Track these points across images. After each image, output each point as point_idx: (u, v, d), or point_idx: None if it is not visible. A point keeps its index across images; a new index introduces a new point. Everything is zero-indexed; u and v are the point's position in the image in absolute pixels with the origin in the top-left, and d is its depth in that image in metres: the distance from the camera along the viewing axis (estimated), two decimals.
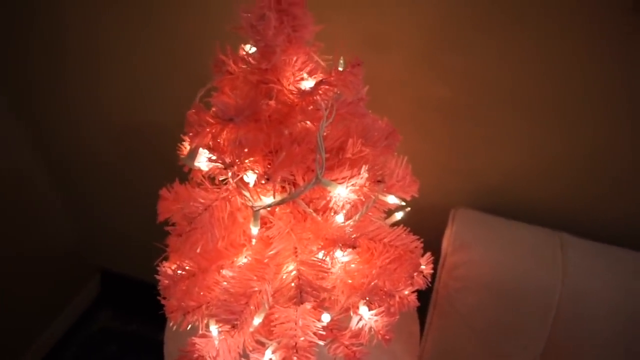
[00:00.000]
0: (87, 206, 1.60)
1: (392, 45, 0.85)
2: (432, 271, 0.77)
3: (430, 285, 0.79)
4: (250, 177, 0.59)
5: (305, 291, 0.58)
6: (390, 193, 0.71)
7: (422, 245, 0.70)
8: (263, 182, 0.55)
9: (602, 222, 0.91)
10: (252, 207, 0.59)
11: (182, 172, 0.70)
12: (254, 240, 0.64)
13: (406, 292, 0.73)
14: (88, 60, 1.15)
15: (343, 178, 0.59)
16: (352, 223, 0.65)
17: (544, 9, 0.74)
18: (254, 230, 0.62)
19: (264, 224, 0.66)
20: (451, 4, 0.78)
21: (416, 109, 0.91)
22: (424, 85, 0.88)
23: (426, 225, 0.81)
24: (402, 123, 0.75)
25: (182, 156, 0.65)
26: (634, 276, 0.79)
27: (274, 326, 0.65)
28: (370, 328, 0.69)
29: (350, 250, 0.60)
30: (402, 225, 0.69)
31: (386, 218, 0.78)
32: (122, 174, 1.42)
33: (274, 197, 0.61)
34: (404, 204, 0.72)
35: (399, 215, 0.80)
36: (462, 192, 0.99)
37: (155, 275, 0.72)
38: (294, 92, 0.55)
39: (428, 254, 0.77)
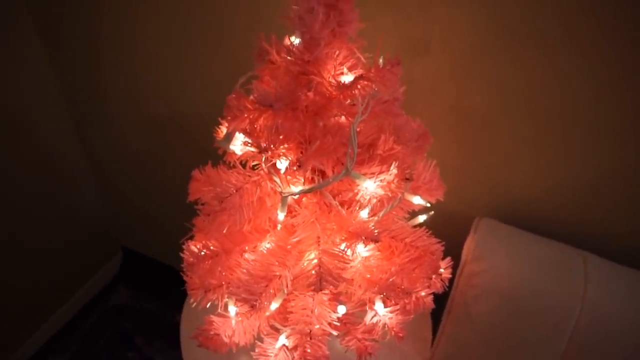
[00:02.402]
0: (118, 186, 1.65)
1: (432, 49, 0.86)
2: (450, 276, 0.78)
3: (447, 290, 0.79)
4: (282, 164, 0.61)
5: (324, 279, 0.59)
6: (417, 194, 0.72)
7: (442, 248, 0.71)
8: (295, 168, 0.57)
9: (626, 245, 0.90)
10: (281, 192, 0.61)
11: (213, 160, 0.72)
12: (279, 226, 0.65)
13: (422, 294, 0.73)
14: (125, 45, 1.19)
15: (372, 173, 0.60)
16: (376, 219, 0.66)
17: (590, 30, 0.74)
18: (281, 215, 0.63)
19: (290, 212, 0.68)
20: (498, 14, 0.78)
21: (448, 115, 0.92)
22: (459, 92, 0.88)
23: (447, 232, 0.81)
24: (433, 128, 0.75)
25: (218, 139, 0.67)
26: None
27: (290, 312, 0.67)
28: (384, 324, 0.70)
29: (372, 245, 0.61)
30: (424, 228, 0.70)
31: (409, 219, 0.79)
32: (153, 160, 1.46)
33: (303, 186, 0.63)
34: (428, 205, 0.72)
35: (422, 218, 0.81)
36: (486, 202, 0.99)
37: (180, 254, 0.74)
38: (333, 84, 0.56)
39: (448, 259, 0.78)
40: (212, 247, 0.70)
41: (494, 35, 0.80)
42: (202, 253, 0.70)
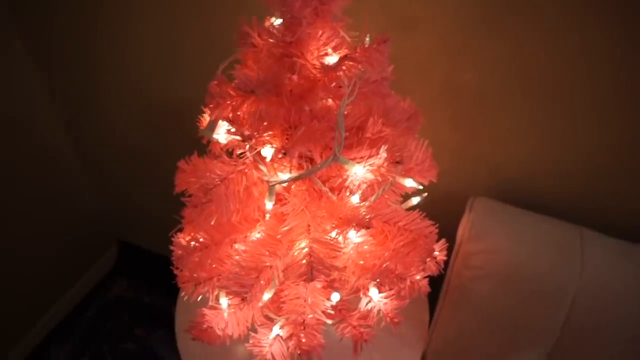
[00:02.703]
0: (110, 179, 1.62)
1: (422, 24, 0.83)
2: (445, 258, 0.76)
3: (442, 273, 0.78)
4: (267, 152, 0.59)
5: (316, 268, 0.58)
6: (408, 176, 0.70)
7: (437, 230, 0.69)
8: (280, 156, 0.55)
9: (621, 217, 0.89)
10: (268, 181, 0.59)
11: (203, 148, 0.70)
12: (267, 216, 0.63)
13: (417, 277, 0.72)
14: (115, 39, 1.16)
15: (361, 157, 0.58)
16: (367, 204, 0.64)
17: (585, 1, 0.71)
18: (269, 205, 0.61)
19: (279, 200, 0.66)
20: None
21: (440, 93, 0.89)
22: (451, 68, 0.86)
23: (441, 212, 0.80)
24: (425, 106, 0.73)
25: (202, 128, 0.64)
26: None
27: (283, 302, 0.65)
28: (379, 310, 0.69)
29: (364, 230, 0.59)
30: (417, 210, 0.68)
31: (402, 202, 0.78)
32: (146, 152, 1.43)
33: (291, 173, 0.61)
34: (421, 188, 0.71)
35: (415, 200, 0.80)
36: (481, 181, 0.97)
37: (170, 247, 0.73)
38: (317, 67, 0.54)
39: (442, 240, 0.76)
40: (201, 240, 0.68)
41: (485, 8, 0.78)
42: (192, 245, 0.69)
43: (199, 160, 0.71)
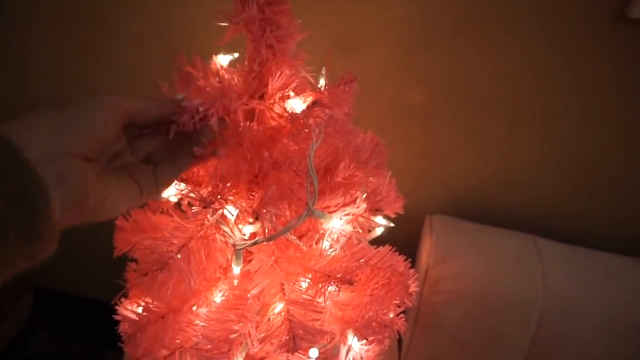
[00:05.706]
0: None
1: (365, 46, 0.80)
2: (417, 288, 0.74)
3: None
4: (232, 212, 0.51)
5: (299, 336, 0.52)
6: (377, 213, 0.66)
7: (409, 265, 0.66)
8: (251, 220, 0.48)
9: (571, 224, 0.92)
10: (233, 245, 0.52)
11: None
12: (235, 281, 0.56)
13: (391, 315, 0.69)
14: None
15: (336, 206, 0.53)
16: (339, 250, 0.59)
17: (524, 15, 0.72)
18: (236, 269, 0.54)
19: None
20: (429, 4, 0.73)
21: (389, 113, 0.87)
22: (398, 88, 0.84)
23: (395, 230, 0.78)
24: (375, 126, 0.70)
25: None
26: (606, 276, 0.80)
27: None
28: (361, 358, 0.65)
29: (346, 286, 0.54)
30: (387, 246, 0.65)
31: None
32: None
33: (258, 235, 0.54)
34: (392, 225, 0.67)
35: (379, 231, 0.76)
36: (434, 197, 0.97)
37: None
38: (283, 115, 0.48)
39: (412, 271, 0.74)
40: (154, 309, 0.59)
41: (419, 27, 0.76)
42: (144, 315, 0.60)
43: (140, 214, 0.62)
